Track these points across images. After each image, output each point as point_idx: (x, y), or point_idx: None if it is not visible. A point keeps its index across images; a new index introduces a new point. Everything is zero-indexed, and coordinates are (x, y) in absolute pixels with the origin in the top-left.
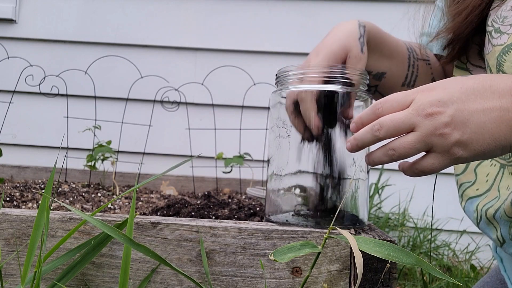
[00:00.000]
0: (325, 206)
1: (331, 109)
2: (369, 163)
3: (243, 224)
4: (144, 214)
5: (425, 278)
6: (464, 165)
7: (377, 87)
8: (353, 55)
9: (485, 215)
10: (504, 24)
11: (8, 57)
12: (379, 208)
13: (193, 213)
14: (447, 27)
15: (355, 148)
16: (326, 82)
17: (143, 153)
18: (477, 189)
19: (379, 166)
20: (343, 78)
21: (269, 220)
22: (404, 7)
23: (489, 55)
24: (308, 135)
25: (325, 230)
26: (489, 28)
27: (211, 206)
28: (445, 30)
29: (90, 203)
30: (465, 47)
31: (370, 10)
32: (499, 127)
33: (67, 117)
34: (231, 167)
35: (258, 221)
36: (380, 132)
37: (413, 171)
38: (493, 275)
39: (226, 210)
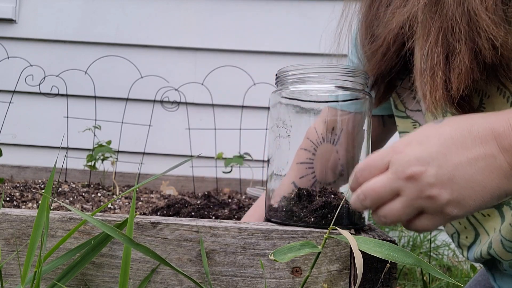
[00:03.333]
0: (325, 205)
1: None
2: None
3: (243, 224)
4: (144, 214)
5: (425, 278)
6: None
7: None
8: None
9: (481, 256)
10: None
11: (8, 57)
12: None
13: (193, 213)
14: (367, 69)
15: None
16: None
17: (143, 153)
18: (466, 237)
19: None
20: (343, 78)
21: (269, 220)
22: None
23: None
24: None
25: (325, 230)
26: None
27: (211, 206)
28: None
29: (90, 203)
30: (390, 86)
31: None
32: (489, 177)
33: (67, 117)
34: (231, 167)
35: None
36: (366, 202)
37: (409, 229)
38: (484, 273)
39: (226, 210)
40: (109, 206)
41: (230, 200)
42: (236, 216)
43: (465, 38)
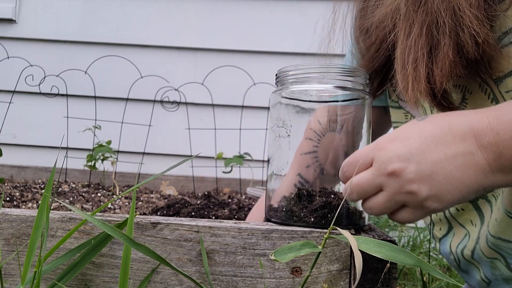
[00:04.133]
0: (325, 205)
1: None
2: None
3: (243, 224)
4: (144, 214)
5: (425, 278)
6: None
7: None
8: None
9: (463, 257)
10: None
11: (8, 57)
12: None
13: (193, 213)
14: (361, 65)
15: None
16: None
17: (143, 153)
18: (440, 229)
19: None
20: (343, 78)
21: (269, 220)
22: None
23: None
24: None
25: (325, 230)
26: None
27: (211, 206)
28: (361, 67)
29: (90, 203)
30: (384, 81)
31: None
32: (466, 173)
33: (67, 117)
34: (231, 167)
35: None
36: (353, 195)
37: (393, 220)
38: None
39: (226, 210)
40: (109, 206)
41: (230, 200)
42: (236, 216)
43: (450, 32)
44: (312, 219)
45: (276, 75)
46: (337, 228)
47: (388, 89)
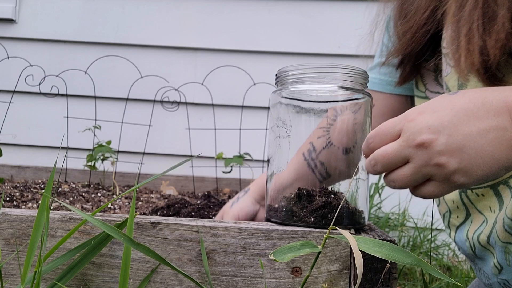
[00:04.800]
0: (325, 205)
1: None
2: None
3: (243, 224)
4: (144, 214)
5: (425, 278)
6: None
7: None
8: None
9: (478, 242)
10: None
11: (8, 57)
12: (379, 208)
13: (193, 213)
14: (396, 48)
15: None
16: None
17: (143, 153)
18: (457, 217)
19: None
20: (343, 78)
21: (269, 220)
22: None
23: (447, 77)
24: None
25: (325, 230)
26: (445, 51)
27: (211, 206)
28: (395, 51)
29: (90, 203)
30: (416, 67)
31: (370, 10)
32: (499, 148)
33: (67, 117)
34: (231, 167)
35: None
36: (377, 167)
37: (416, 195)
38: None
39: None
40: (109, 206)
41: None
42: None
43: (508, 2)
44: (312, 219)
45: (276, 75)
46: (337, 228)
47: (416, 79)
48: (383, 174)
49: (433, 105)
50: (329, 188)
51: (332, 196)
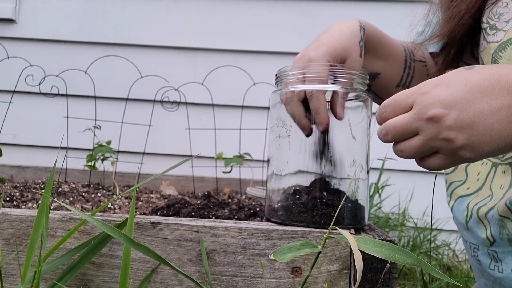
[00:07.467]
0: (325, 205)
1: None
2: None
3: (243, 224)
4: (144, 214)
5: (425, 278)
6: None
7: (371, 86)
8: (352, 59)
9: (476, 214)
10: (500, 20)
11: (8, 57)
12: (379, 208)
13: (193, 213)
14: (442, 32)
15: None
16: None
17: (143, 153)
18: (467, 188)
19: (379, 166)
20: (344, 78)
21: (269, 220)
22: (405, 7)
23: (483, 52)
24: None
25: (325, 230)
26: (484, 25)
27: (211, 206)
28: (440, 35)
29: (90, 203)
30: (460, 51)
31: (370, 10)
32: (508, 126)
33: (67, 117)
34: (231, 167)
35: (258, 221)
36: (388, 137)
37: (421, 166)
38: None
39: (226, 210)
40: (109, 206)
41: (230, 200)
42: (236, 216)
43: None
44: (312, 218)
45: (276, 75)
46: (337, 228)
47: (459, 62)
48: (392, 143)
49: (448, 78)
50: (329, 188)
51: (332, 195)
